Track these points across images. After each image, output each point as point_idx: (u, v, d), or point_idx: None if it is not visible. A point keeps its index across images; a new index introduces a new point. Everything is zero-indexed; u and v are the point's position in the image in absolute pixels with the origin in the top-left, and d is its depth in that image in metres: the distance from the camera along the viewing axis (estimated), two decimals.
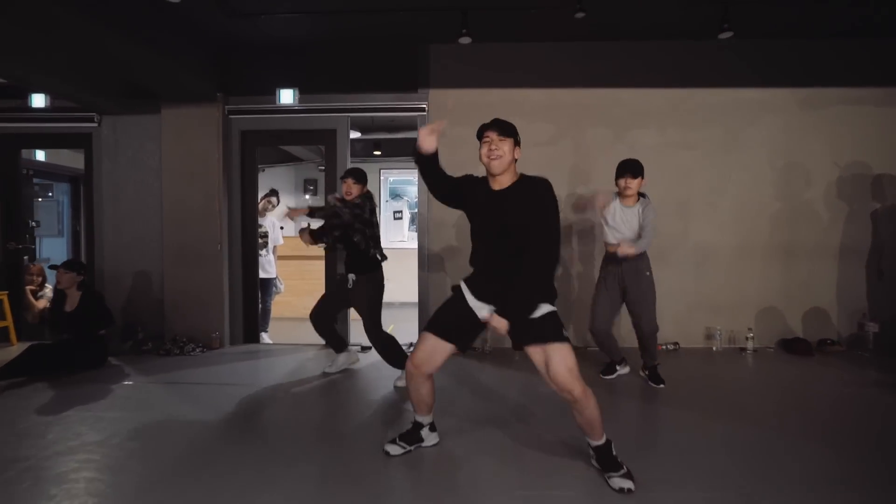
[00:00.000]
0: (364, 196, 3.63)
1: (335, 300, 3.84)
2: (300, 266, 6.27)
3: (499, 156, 2.25)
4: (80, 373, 3.90)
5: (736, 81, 4.67)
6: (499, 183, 2.30)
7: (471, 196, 2.37)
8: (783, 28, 4.44)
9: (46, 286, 5.30)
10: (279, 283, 5.49)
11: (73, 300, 4.09)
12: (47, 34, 3.38)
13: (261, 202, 5.24)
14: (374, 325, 3.60)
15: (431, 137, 2.28)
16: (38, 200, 6.54)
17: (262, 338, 5.09)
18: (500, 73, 4.70)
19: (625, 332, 4.11)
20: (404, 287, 5.65)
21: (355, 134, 6.91)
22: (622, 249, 3.42)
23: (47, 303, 4.95)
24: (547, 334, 2.22)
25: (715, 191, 4.73)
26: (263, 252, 5.18)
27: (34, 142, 5.43)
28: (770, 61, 4.65)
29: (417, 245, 4.91)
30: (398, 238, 8.21)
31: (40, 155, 6.39)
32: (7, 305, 4.83)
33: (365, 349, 4.67)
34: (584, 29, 4.27)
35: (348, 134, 4.88)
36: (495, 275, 2.29)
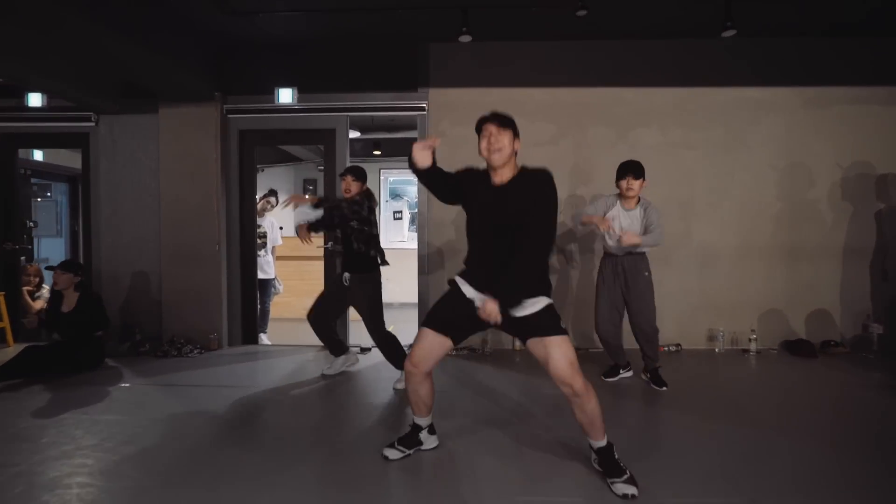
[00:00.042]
0: (364, 194, 3.60)
1: (333, 300, 3.80)
2: (299, 266, 6.23)
3: (498, 148, 2.21)
4: (77, 374, 3.87)
5: (738, 80, 4.63)
6: (500, 176, 2.26)
7: (471, 190, 2.32)
8: (786, 26, 4.40)
9: (44, 287, 5.27)
10: (278, 284, 5.46)
11: (71, 301, 4.06)
12: (46, 35, 3.36)
13: (259, 202, 5.21)
14: (377, 326, 3.56)
15: (425, 153, 2.21)
16: (38, 200, 6.51)
17: (261, 339, 5.06)
18: (501, 72, 4.65)
19: (626, 334, 4.04)
20: (404, 287, 5.61)
21: (355, 133, 6.88)
22: (628, 238, 3.33)
23: (44, 304, 4.91)
24: (546, 327, 2.21)
25: (717, 191, 4.69)
26: (262, 252, 5.14)
27: (31, 141, 5.40)
28: (772, 60, 4.61)
29: (417, 245, 4.87)
30: (398, 238, 8.17)
31: (38, 155, 6.37)
32: (3, 307, 4.79)
33: (364, 350, 4.64)
34: (586, 27, 4.23)
35: (348, 133, 4.84)
36: (493, 267, 2.23)
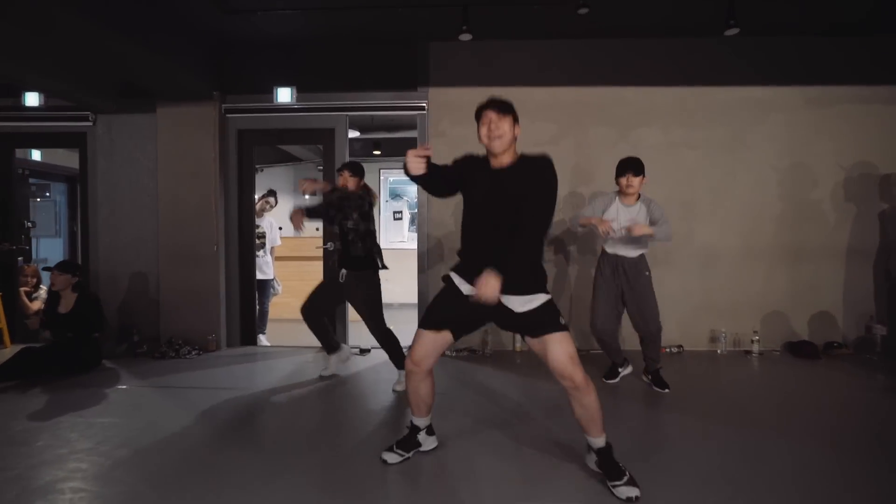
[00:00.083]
0: (363, 189, 3.57)
1: (327, 294, 3.73)
2: (298, 267, 6.20)
3: (499, 135, 2.18)
4: (74, 376, 3.83)
5: (740, 80, 4.59)
6: (500, 162, 2.24)
7: (470, 177, 2.29)
8: (788, 25, 4.36)
9: (41, 287, 5.23)
10: (276, 285, 5.43)
11: (69, 302, 4.03)
12: (44, 34, 3.32)
13: (258, 202, 5.18)
14: (378, 324, 3.52)
15: (419, 162, 2.15)
16: (37, 201, 6.48)
17: (260, 340, 5.03)
18: (502, 71, 4.61)
19: (626, 335, 4.02)
20: (404, 287, 5.57)
21: (354, 133, 6.83)
22: (639, 229, 3.27)
23: (42, 304, 4.88)
24: (546, 324, 2.20)
25: (719, 191, 4.65)
26: (260, 253, 5.11)
27: (27, 141, 5.36)
28: (774, 59, 4.57)
29: (417, 245, 4.84)
30: (398, 238, 8.14)
31: (37, 154, 6.34)
32: (0, 308, 4.76)
33: (364, 352, 4.60)
34: (587, 25, 4.20)
35: (347, 133, 4.81)
36: (491, 253, 2.15)
